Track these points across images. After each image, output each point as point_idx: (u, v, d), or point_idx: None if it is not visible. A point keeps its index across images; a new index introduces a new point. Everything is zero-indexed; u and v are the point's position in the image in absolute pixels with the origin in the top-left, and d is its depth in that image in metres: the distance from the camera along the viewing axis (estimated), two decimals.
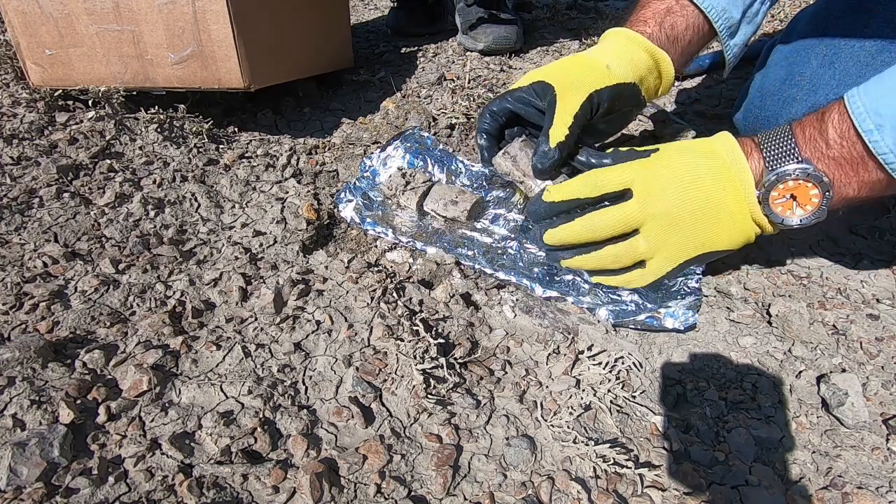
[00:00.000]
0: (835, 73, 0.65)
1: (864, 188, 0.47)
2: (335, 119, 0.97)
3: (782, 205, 0.49)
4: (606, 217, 0.52)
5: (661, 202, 0.51)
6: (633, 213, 0.52)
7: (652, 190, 0.52)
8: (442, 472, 0.43)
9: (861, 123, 0.45)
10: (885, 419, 0.49)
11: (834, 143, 0.47)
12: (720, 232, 0.51)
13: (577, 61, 0.63)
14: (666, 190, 0.51)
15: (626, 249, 0.53)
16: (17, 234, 0.63)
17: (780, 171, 0.48)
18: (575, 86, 0.60)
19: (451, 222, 0.70)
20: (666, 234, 0.52)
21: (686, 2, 0.64)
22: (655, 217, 0.52)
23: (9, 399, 0.45)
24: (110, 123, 0.80)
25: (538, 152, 0.58)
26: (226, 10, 0.72)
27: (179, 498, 0.41)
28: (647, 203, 0.52)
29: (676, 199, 0.51)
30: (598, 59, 0.63)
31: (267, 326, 0.56)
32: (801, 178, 0.47)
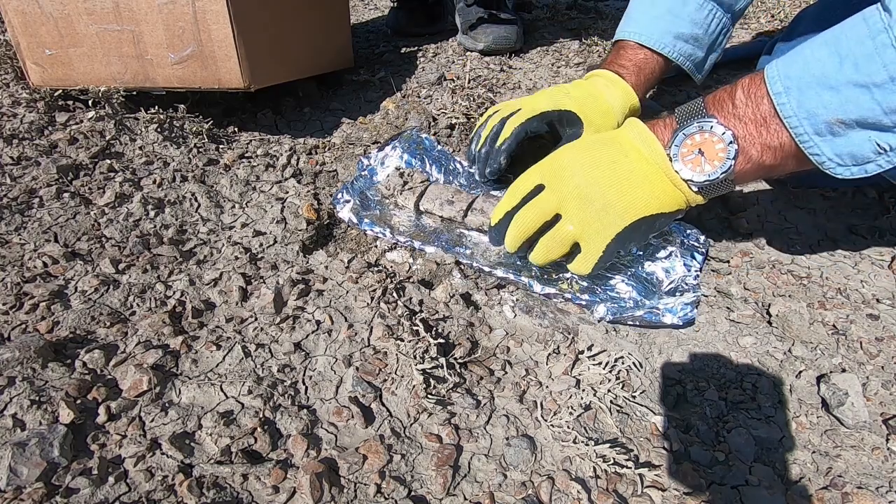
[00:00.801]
0: None
1: (768, 152, 0.49)
2: (335, 119, 0.97)
3: (692, 161, 0.51)
4: (526, 210, 0.56)
5: (569, 181, 0.54)
6: (546, 199, 0.55)
7: (557, 174, 0.55)
8: (442, 472, 0.43)
9: (772, 86, 0.47)
10: (885, 419, 0.49)
11: (740, 104, 0.49)
12: (637, 194, 0.53)
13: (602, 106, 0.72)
14: (569, 169, 0.55)
15: (555, 234, 0.56)
16: (17, 234, 0.63)
17: (686, 127, 0.51)
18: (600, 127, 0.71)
19: (448, 222, 0.70)
20: (583, 209, 0.54)
21: (657, 56, 0.75)
22: (568, 197, 0.54)
23: (9, 399, 0.45)
24: (110, 123, 0.80)
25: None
26: (226, 10, 0.72)
27: (179, 498, 0.41)
28: (556, 187, 0.55)
29: (582, 174, 0.54)
30: (614, 110, 0.72)
31: (267, 326, 0.56)
32: (706, 131, 0.50)
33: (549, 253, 0.57)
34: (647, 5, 0.78)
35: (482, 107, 0.95)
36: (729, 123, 0.49)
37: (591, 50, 1.21)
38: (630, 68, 0.76)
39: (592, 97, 0.73)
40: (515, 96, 1.04)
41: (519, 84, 1.09)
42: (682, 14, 0.75)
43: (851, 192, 0.77)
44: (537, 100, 0.72)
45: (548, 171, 0.57)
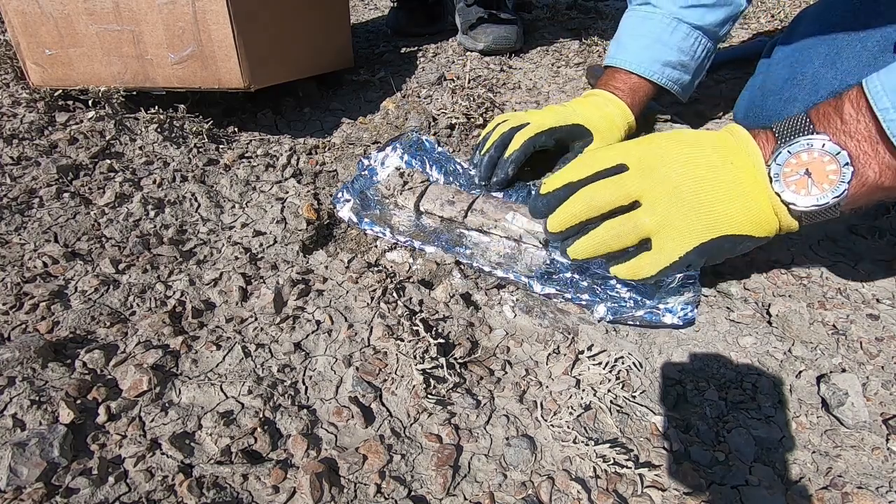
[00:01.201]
0: (837, 73, 0.65)
1: (887, 173, 0.43)
2: (335, 119, 0.97)
3: (796, 182, 0.45)
4: (601, 185, 0.50)
5: (661, 169, 0.48)
6: (630, 180, 0.49)
7: (648, 160, 0.49)
8: (442, 472, 0.43)
9: (877, 101, 0.42)
10: (885, 419, 0.49)
11: (850, 119, 0.44)
12: (733, 208, 0.47)
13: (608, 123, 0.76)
14: (664, 158, 0.49)
15: (627, 221, 0.49)
16: (17, 234, 0.63)
17: (792, 144, 0.45)
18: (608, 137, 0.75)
19: (449, 222, 0.70)
20: (669, 204, 0.47)
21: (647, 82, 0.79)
22: (656, 185, 0.48)
23: (9, 399, 0.45)
24: (110, 123, 0.80)
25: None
26: (226, 10, 0.72)
27: (179, 498, 0.41)
28: (644, 171, 0.49)
29: (678, 167, 0.48)
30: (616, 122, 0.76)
31: (267, 326, 0.56)
32: (816, 150, 0.44)
33: (612, 241, 0.49)
34: (636, 35, 0.81)
35: (482, 107, 0.95)
36: (841, 142, 0.44)
37: (591, 50, 1.21)
38: (625, 90, 0.79)
39: (597, 109, 0.76)
40: (515, 96, 1.04)
41: (519, 84, 1.09)
42: (669, 43, 0.78)
43: None
44: (545, 116, 0.74)
45: (636, 152, 0.50)
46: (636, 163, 0.49)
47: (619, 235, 0.49)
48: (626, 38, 0.83)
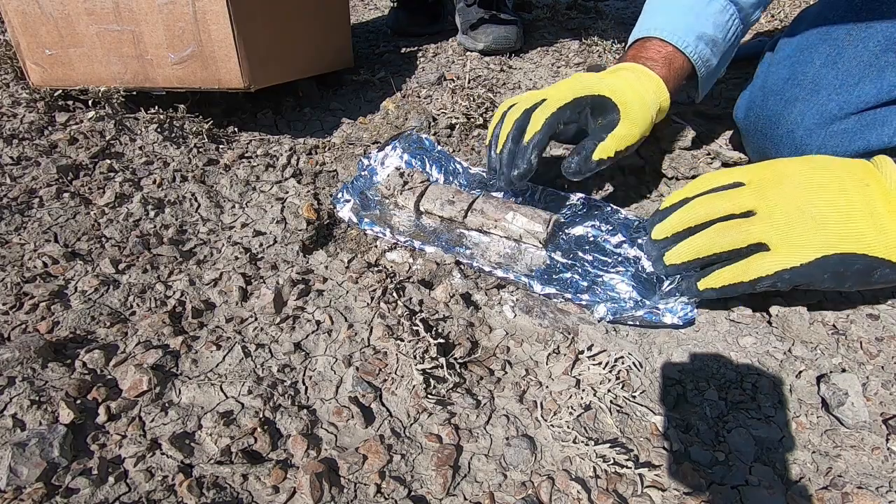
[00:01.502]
0: (838, 73, 0.65)
1: None
2: (335, 119, 0.97)
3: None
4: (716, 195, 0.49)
5: (780, 188, 0.46)
6: (746, 193, 0.47)
7: (767, 178, 0.47)
8: (442, 472, 0.43)
9: None
10: (885, 419, 0.49)
11: None
12: (863, 226, 0.43)
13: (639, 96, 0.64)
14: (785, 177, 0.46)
15: (739, 223, 0.46)
16: (17, 234, 0.63)
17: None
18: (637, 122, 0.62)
19: (448, 222, 0.70)
20: (789, 215, 0.45)
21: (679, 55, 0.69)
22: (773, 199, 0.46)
23: (9, 399, 0.45)
24: (110, 123, 0.80)
25: (581, 154, 0.60)
26: (226, 11, 0.72)
27: (179, 498, 0.41)
28: (762, 188, 0.47)
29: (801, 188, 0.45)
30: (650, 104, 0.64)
31: (267, 326, 0.56)
32: None
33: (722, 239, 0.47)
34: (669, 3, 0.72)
35: (482, 107, 0.95)
36: None
37: (591, 50, 1.21)
38: (660, 61, 0.69)
39: (629, 83, 0.65)
40: (515, 96, 1.04)
41: (519, 84, 1.09)
42: (705, 14, 0.70)
43: None
44: (561, 89, 0.63)
45: (757, 173, 0.49)
46: (755, 180, 0.48)
47: (730, 236, 0.47)
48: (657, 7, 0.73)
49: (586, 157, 0.60)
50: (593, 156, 0.60)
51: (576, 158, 0.60)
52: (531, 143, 0.60)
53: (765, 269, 0.46)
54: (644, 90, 0.64)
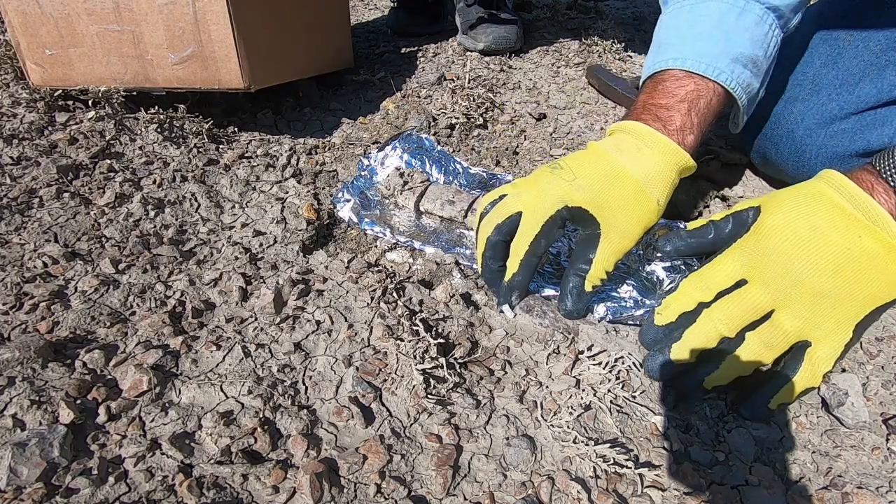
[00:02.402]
0: (838, 73, 0.65)
1: None
2: (335, 119, 0.97)
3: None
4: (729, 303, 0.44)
5: (785, 272, 0.43)
6: (756, 294, 0.44)
7: (766, 263, 0.44)
8: (442, 472, 0.43)
9: None
10: (885, 419, 0.49)
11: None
12: (878, 284, 0.43)
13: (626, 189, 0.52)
14: (783, 255, 0.43)
15: (773, 330, 0.44)
16: (17, 234, 0.63)
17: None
18: (625, 228, 0.51)
19: (449, 222, 0.70)
20: (812, 304, 0.43)
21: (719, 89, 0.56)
22: (787, 290, 0.44)
23: (9, 399, 0.45)
24: (110, 123, 0.80)
25: (571, 295, 0.53)
26: (226, 11, 0.72)
27: (179, 498, 0.41)
28: (767, 279, 0.44)
29: (802, 260, 0.43)
30: (649, 190, 0.52)
31: (267, 326, 0.56)
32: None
33: (763, 354, 0.45)
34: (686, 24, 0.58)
35: (482, 107, 0.95)
36: None
37: (591, 50, 1.21)
38: (675, 108, 0.54)
39: (611, 179, 0.52)
40: (515, 96, 1.04)
41: (519, 84, 1.09)
42: (737, 29, 0.56)
43: None
44: (537, 195, 0.52)
45: (750, 258, 0.45)
46: (755, 272, 0.45)
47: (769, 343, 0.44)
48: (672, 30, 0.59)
49: (579, 294, 0.53)
50: (585, 288, 0.53)
51: (568, 301, 0.54)
52: (513, 284, 0.55)
53: (823, 369, 0.45)
54: (642, 170, 0.52)
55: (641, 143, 0.53)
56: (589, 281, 0.53)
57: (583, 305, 0.54)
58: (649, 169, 0.52)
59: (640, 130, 0.53)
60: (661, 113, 0.54)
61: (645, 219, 0.52)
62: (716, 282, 0.46)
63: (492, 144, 0.88)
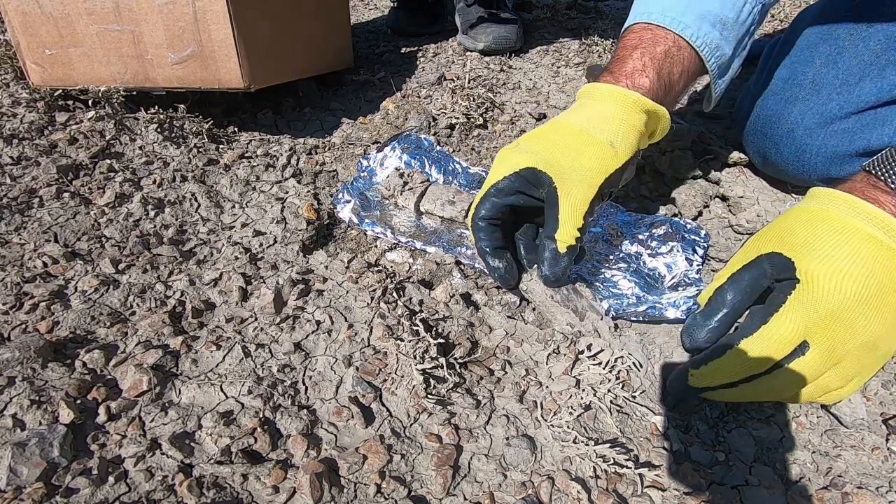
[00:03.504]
0: (838, 73, 0.65)
1: None
2: (335, 119, 0.97)
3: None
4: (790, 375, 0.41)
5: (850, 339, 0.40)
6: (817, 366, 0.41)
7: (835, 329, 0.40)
8: (442, 472, 0.43)
9: None
10: (885, 419, 0.49)
11: None
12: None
13: (572, 137, 0.52)
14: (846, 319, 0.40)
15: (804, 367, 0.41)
16: (17, 234, 0.63)
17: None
18: (579, 176, 0.50)
19: (449, 222, 0.70)
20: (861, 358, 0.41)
21: (682, 42, 0.55)
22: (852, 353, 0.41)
23: (9, 399, 0.45)
24: (110, 123, 0.80)
25: (546, 260, 0.51)
26: (226, 10, 0.72)
27: (179, 498, 0.41)
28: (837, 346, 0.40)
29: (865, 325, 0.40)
30: (597, 136, 0.51)
31: (267, 326, 0.56)
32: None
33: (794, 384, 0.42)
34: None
35: (482, 107, 0.95)
36: None
37: (591, 50, 1.21)
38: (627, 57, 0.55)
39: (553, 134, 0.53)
40: (515, 96, 1.04)
41: (519, 84, 1.09)
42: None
43: None
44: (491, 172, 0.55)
45: (818, 321, 0.40)
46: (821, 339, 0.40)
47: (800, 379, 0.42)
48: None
49: (553, 257, 0.51)
50: (559, 249, 0.51)
51: (545, 266, 0.52)
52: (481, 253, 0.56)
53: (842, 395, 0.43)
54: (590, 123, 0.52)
55: (585, 98, 0.54)
56: (561, 242, 0.50)
57: (560, 270, 0.51)
58: (591, 114, 0.52)
59: (586, 89, 0.55)
60: (613, 67, 0.55)
61: (597, 161, 0.51)
62: (776, 347, 0.41)
63: (492, 144, 0.88)
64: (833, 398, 0.44)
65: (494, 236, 0.55)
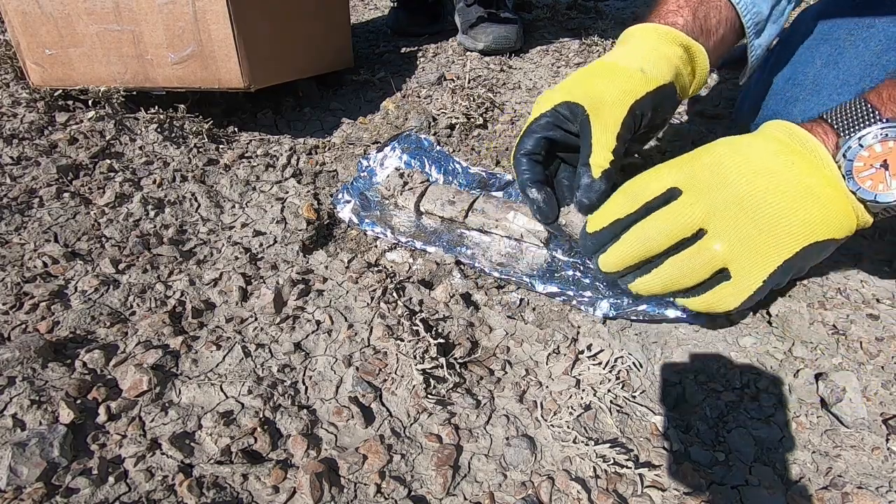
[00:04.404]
0: (839, 74, 0.65)
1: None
2: (335, 119, 0.97)
3: (871, 177, 0.41)
4: (658, 221, 0.44)
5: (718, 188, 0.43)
6: (688, 209, 0.43)
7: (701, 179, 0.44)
8: (442, 472, 0.43)
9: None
10: (885, 419, 0.49)
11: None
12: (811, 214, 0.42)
13: (603, 69, 0.54)
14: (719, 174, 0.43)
15: (697, 255, 0.43)
16: (17, 234, 0.63)
17: (861, 136, 0.41)
18: (610, 99, 0.52)
19: (449, 222, 0.70)
20: (742, 225, 0.42)
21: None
22: (719, 207, 0.43)
23: (9, 399, 0.45)
24: (110, 123, 0.80)
25: (581, 186, 0.51)
26: (226, 10, 0.72)
27: (179, 498, 0.41)
28: (703, 193, 0.43)
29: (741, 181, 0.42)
30: (626, 64, 0.53)
31: (267, 326, 0.56)
32: (892, 138, 0.40)
33: (682, 278, 0.44)
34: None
35: (482, 107, 0.95)
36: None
37: (591, 50, 1.21)
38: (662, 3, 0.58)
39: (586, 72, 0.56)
40: (515, 96, 1.04)
41: (519, 84, 1.09)
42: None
43: None
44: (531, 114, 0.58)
45: (689, 170, 0.44)
46: (689, 184, 0.44)
47: (691, 271, 0.44)
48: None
49: (588, 185, 0.52)
50: (594, 174, 0.51)
51: (580, 192, 0.52)
52: (522, 187, 0.56)
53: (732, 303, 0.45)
54: (620, 57, 0.54)
55: (620, 42, 0.58)
56: (595, 166, 0.51)
57: (595, 195, 0.51)
58: (624, 51, 0.55)
59: (629, 32, 0.58)
60: (650, 12, 0.58)
61: (626, 84, 0.52)
62: (645, 188, 0.45)
63: (492, 144, 0.88)
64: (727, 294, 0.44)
65: (535, 170, 0.56)
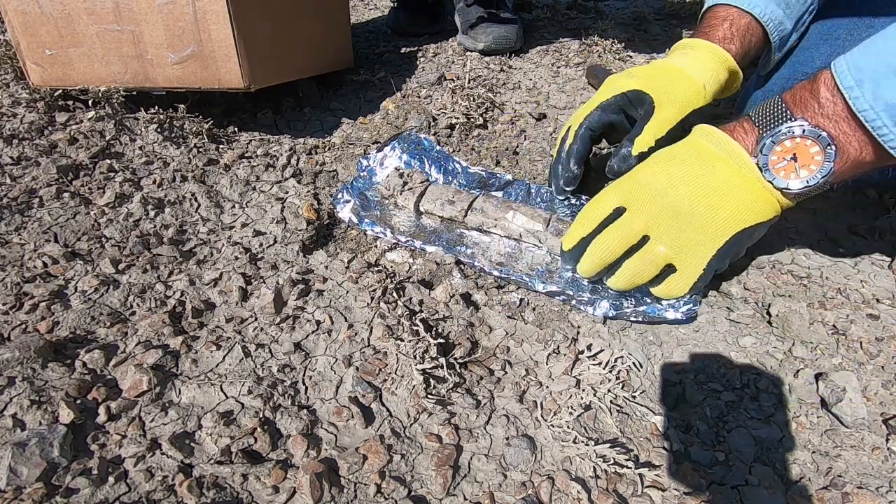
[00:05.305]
0: None
1: (867, 148, 0.45)
2: (335, 119, 0.97)
3: (784, 168, 0.48)
4: (608, 235, 0.54)
5: (656, 200, 0.52)
6: (631, 221, 0.53)
7: (640, 193, 0.53)
8: (442, 472, 0.43)
9: (842, 80, 0.44)
10: (885, 419, 0.49)
11: (826, 101, 0.46)
12: (734, 206, 0.50)
13: (674, 74, 0.64)
14: (653, 186, 0.52)
15: (645, 255, 0.54)
16: (17, 234, 0.63)
17: (774, 133, 0.48)
18: (674, 101, 0.62)
19: (449, 222, 0.70)
20: (677, 227, 0.51)
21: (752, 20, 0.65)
22: (656, 217, 0.52)
23: (9, 399, 0.45)
24: (110, 123, 0.80)
25: (619, 154, 0.62)
26: (226, 10, 0.72)
27: (179, 498, 0.41)
28: (641, 207, 0.53)
29: (670, 191, 0.51)
30: (694, 76, 0.63)
31: (267, 326, 0.56)
32: (798, 135, 0.47)
33: (637, 276, 0.55)
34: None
35: (482, 107, 0.95)
36: (821, 124, 0.46)
37: (591, 50, 1.21)
38: (717, 26, 0.66)
39: (661, 69, 0.65)
40: (515, 96, 1.04)
41: (519, 84, 1.09)
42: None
43: (851, 192, 0.77)
44: (598, 93, 0.67)
45: (627, 190, 0.54)
46: (631, 201, 0.54)
47: (643, 271, 0.54)
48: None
49: (625, 155, 0.62)
50: (633, 151, 0.61)
51: (615, 159, 0.62)
52: (571, 154, 0.66)
53: (681, 290, 0.54)
54: (690, 66, 0.64)
55: (687, 49, 0.66)
56: (637, 146, 0.61)
57: (626, 167, 0.60)
58: (690, 60, 0.64)
59: (687, 42, 0.67)
60: (706, 31, 0.67)
61: (691, 93, 0.62)
62: (597, 212, 0.56)
63: (492, 144, 0.88)
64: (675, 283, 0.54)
65: (587, 147, 0.66)
